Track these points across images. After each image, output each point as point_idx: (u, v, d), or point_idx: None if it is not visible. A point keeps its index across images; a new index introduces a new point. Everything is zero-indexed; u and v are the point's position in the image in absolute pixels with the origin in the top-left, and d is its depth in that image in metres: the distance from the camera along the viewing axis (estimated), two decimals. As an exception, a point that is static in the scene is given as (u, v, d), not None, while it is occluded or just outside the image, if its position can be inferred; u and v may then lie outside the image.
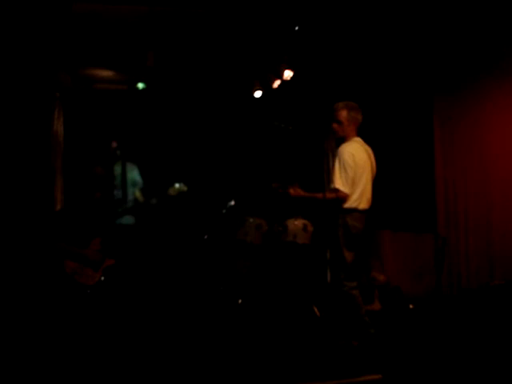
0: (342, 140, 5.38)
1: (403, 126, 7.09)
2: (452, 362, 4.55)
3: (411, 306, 6.19)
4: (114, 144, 6.14)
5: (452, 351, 4.79)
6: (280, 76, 6.95)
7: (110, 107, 7.28)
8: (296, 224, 6.59)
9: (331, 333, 5.50)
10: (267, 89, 7.34)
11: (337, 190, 5.15)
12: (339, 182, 5.16)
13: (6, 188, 6.38)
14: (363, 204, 5.32)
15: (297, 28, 5.80)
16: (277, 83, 7.11)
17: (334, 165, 5.33)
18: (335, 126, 5.39)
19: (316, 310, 6.15)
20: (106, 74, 7.13)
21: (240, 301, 6.31)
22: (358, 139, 5.40)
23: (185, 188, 5.93)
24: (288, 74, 6.83)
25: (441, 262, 6.13)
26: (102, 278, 5.53)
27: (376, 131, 7.18)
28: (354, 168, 5.15)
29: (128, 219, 6.14)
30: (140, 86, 6.32)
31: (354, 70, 7.12)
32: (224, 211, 6.56)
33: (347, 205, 5.19)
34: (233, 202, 6.59)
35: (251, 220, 6.56)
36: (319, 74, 7.31)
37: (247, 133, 7.88)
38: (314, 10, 5.70)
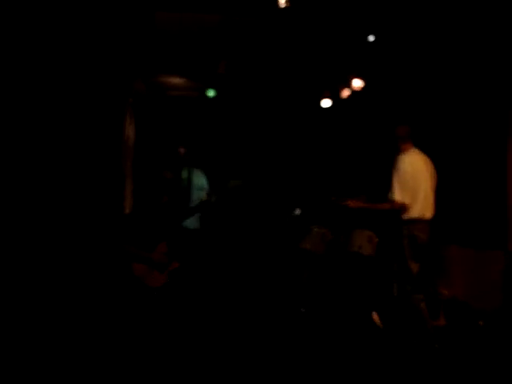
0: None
1: (475, 138, 6.93)
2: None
3: (481, 323, 6.03)
4: (182, 150, 6.23)
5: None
6: (349, 86, 6.93)
7: (180, 113, 7.40)
8: (361, 235, 6.53)
9: (395, 346, 5.42)
10: (337, 98, 7.33)
11: (393, 201, 5.15)
12: (397, 193, 5.16)
13: (78, 191, 6.58)
14: (427, 213, 5.29)
15: (372, 39, 5.77)
16: (347, 93, 7.09)
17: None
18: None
19: (379, 320, 6.07)
20: (178, 81, 7.26)
21: (303, 310, 6.30)
22: (416, 150, 5.34)
23: (239, 182, 5.96)
24: (358, 85, 6.80)
25: (510, 280, 5.96)
26: (168, 281, 5.63)
27: (447, 142, 7.08)
28: (413, 177, 5.10)
29: (192, 222, 6.20)
30: (211, 93, 6.42)
31: (427, 81, 7.02)
32: (289, 219, 6.57)
33: (411, 215, 5.13)
34: (298, 211, 6.59)
35: (316, 229, 6.54)
36: (391, 84, 7.25)
37: (316, 142, 7.87)
38: (388, 22, 5.67)
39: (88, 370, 4.58)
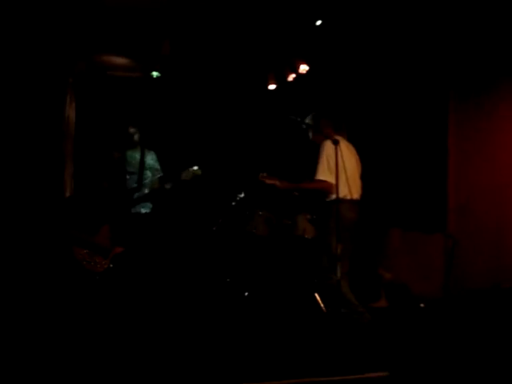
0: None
1: (417, 126, 7.07)
2: (460, 362, 4.53)
3: (422, 305, 6.17)
4: (131, 129, 6.10)
5: (460, 351, 4.76)
6: (295, 70, 6.91)
7: (124, 94, 7.25)
8: (304, 219, 6.57)
9: (337, 329, 5.48)
10: (282, 82, 7.31)
11: (319, 181, 5.33)
12: (321, 173, 5.33)
13: (15, 173, 6.39)
14: (353, 194, 5.46)
15: (319, 23, 5.77)
16: (292, 77, 7.07)
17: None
18: (312, 135, 5.66)
19: (322, 305, 6.13)
20: (121, 61, 7.10)
21: (246, 293, 6.30)
22: (339, 136, 5.48)
23: (199, 172, 5.86)
24: (303, 68, 6.79)
25: (450, 262, 6.11)
26: (111, 266, 5.53)
27: (390, 130, 7.19)
28: (334, 159, 5.20)
29: (145, 207, 6.10)
30: (154, 74, 6.31)
31: (370, 67, 7.10)
32: (233, 203, 6.53)
33: (337, 195, 5.23)
34: (242, 195, 6.56)
35: (260, 213, 6.54)
36: (335, 69, 7.30)
37: (261, 125, 7.84)
38: (335, 6, 5.69)
39: (27, 354, 4.46)
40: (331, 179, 5.25)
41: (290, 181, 5.67)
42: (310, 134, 5.72)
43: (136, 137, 6.13)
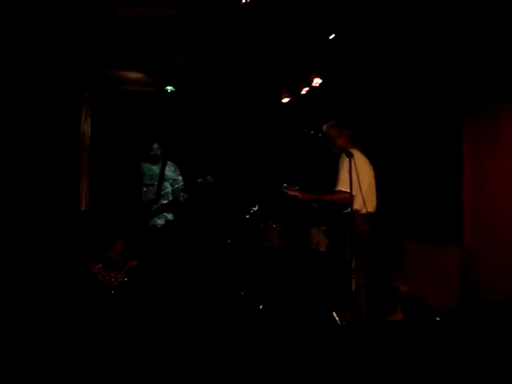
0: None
1: (432, 137, 7.04)
2: (476, 376, 4.48)
3: (438, 319, 6.11)
4: (155, 145, 6.18)
5: (477, 365, 4.72)
6: (308, 83, 6.93)
7: (138, 109, 7.30)
8: (319, 231, 6.55)
9: (352, 341, 5.46)
10: (295, 95, 7.33)
11: (340, 192, 5.32)
12: (342, 184, 5.32)
13: (31, 187, 6.43)
14: (369, 207, 5.45)
15: (332, 36, 5.79)
16: (305, 90, 7.08)
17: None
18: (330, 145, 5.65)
19: (337, 318, 6.10)
20: (136, 75, 7.16)
21: (261, 307, 6.28)
22: (355, 150, 5.47)
23: (212, 180, 5.89)
24: (317, 81, 6.80)
25: (466, 275, 6.06)
26: (126, 279, 5.55)
27: (404, 141, 7.17)
28: (355, 172, 5.22)
29: (161, 218, 6.13)
30: (169, 89, 6.36)
31: (384, 79, 7.10)
32: (247, 216, 6.54)
33: (354, 207, 5.25)
34: (256, 207, 6.56)
35: (274, 226, 6.53)
36: (348, 83, 7.31)
37: (275, 138, 7.86)
38: (349, 21, 5.70)
39: (43, 367, 4.47)
40: (352, 192, 5.25)
41: (309, 192, 5.68)
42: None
43: (157, 152, 6.19)
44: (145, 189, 6.20)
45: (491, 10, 5.56)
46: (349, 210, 5.31)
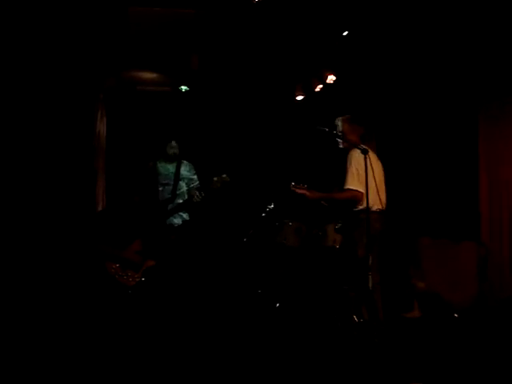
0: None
1: (448, 133, 7.01)
2: (495, 373, 4.45)
3: (456, 315, 6.08)
4: (173, 143, 6.21)
5: (495, 362, 4.69)
6: (323, 80, 6.91)
7: (153, 108, 7.33)
8: (333, 228, 6.53)
9: (369, 339, 5.45)
10: (310, 92, 7.31)
11: (350, 190, 5.30)
12: (351, 182, 5.31)
13: (48, 188, 6.48)
14: (378, 204, 5.40)
15: (346, 33, 5.77)
16: (319, 87, 7.07)
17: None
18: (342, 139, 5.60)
19: (354, 316, 6.09)
20: (150, 76, 7.18)
21: (278, 304, 6.28)
22: (364, 146, 5.45)
23: (227, 179, 5.90)
24: (331, 79, 6.79)
25: (483, 271, 6.03)
26: (143, 279, 5.58)
27: (420, 138, 7.14)
28: (364, 169, 5.18)
29: (177, 218, 6.16)
30: (183, 88, 6.38)
31: (400, 79, 7.08)
32: (263, 214, 6.54)
33: (364, 205, 5.21)
34: (272, 205, 6.56)
35: (290, 223, 6.52)
36: (362, 79, 7.28)
37: (290, 135, 7.85)
38: (363, 18, 5.68)
39: (61, 367, 4.50)
40: (361, 188, 5.25)
41: (319, 190, 5.67)
42: (340, 142, 5.70)
43: (174, 150, 6.21)
44: (160, 188, 6.22)
45: (507, 8, 5.51)
46: (360, 207, 5.31)
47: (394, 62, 6.80)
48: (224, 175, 5.93)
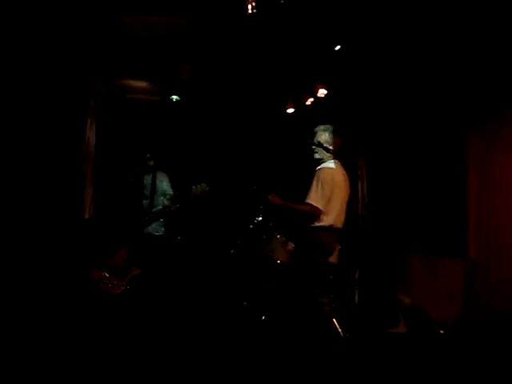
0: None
1: (436, 150, 7.04)
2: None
3: (442, 332, 6.08)
4: (147, 156, 6.18)
5: (481, 379, 4.69)
6: (313, 93, 6.93)
7: (143, 117, 7.32)
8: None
9: (355, 354, 5.44)
10: (300, 105, 7.33)
11: (310, 205, 5.27)
12: (313, 198, 5.28)
13: (35, 195, 6.44)
14: (339, 223, 5.46)
15: (338, 48, 5.80)
16: (310, 100, 7.09)
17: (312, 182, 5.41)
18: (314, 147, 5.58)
19: (340, 330, 6.07)
20: (141, 84, 7.18)
21: (263, 317, 6.26)
22: (337, 161, 5.45)
23: (207, 188, 5.89)
24: (322, 92, 6.81)
25: (470, 287, 6.03)
26: (128, 287, 5.54)
27: (409, 154, 7.16)
28: (331, 187, 5.26)
29: (155, 229, 6.15)
30: (174, 98, 6.38)
31: (390, 93, 7.11)
32: (251, 226, 6.52)
33: (324, 223, 5.30)
34: (260, 218, 6.55)
35: (278, 236, 6.51)
36: (352, 92, 7.31)
37: (279, 148, 7.86)
38: (354, 31, 5.72)
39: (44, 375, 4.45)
40: (320, 206, 5.26)
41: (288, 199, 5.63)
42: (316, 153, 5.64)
43: (151, 162, 6.19)
44: (144, 201, 6.22)
45: (498, 18, 5.55)
46: (317, 224, 5.33)
47: (385, 74, 6.83)
48: (203, 184, 5.91)
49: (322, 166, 5.45)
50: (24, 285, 6.09)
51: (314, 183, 5.33)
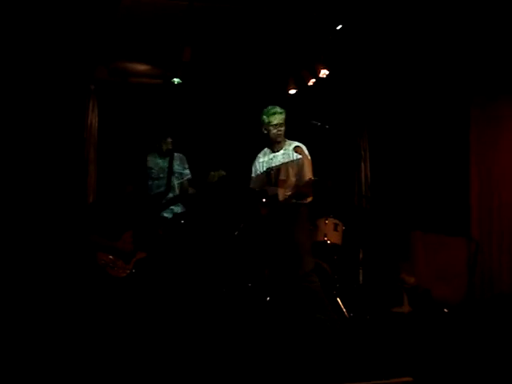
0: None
1: (439, 129, 7.03)
2: (484, 368, 4.47)
3: (446, 310, 6.11)
4: (168, 139, 6.20)
5: (484, 357, 4.71)
6: (315, 74, 6.88)
7: (145, 100, 7.29)
8: (327, 223, 6.52)
9: (360, 334, 5.47)
10: (302, 86, 7.29)
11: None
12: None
13: (39, 179, 6.45)
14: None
15: (339, 27, 5.76)
16: (312, 81, 7.04)
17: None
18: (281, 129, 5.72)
19: (345, 310, 6.10)
20: (142, 67, 7.15)
21: (268, 298, 6.28)
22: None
23: (224, 173, 5.92)
24: (324, 73, 6.75)
25: (473, 266, 6.05)
26: (133, 271, 5.56)
27: (412, 133, 7.15)
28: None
29: (168, 212, 6.14)
30: (176, 80, 6.34)
31: (392, 74, 7.07)
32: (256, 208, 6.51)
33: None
34: (264, 200, 6.53)
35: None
36: (355, 73, 7.28)
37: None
38: (356, 11, 5.68)
39: (49, 358, 4.48)
40: None
41: None
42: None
43: (169, 146, 6.18)
44: (150, 182, 6.20)
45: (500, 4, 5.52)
46: (309, 199, 5.52)
47: (387, 56, 6.79)
48: (221, 170, 5.93)
49: (302, 145, 5.61)
50: (29, 269, 6.12)
51: (307, 159, 5.51)
